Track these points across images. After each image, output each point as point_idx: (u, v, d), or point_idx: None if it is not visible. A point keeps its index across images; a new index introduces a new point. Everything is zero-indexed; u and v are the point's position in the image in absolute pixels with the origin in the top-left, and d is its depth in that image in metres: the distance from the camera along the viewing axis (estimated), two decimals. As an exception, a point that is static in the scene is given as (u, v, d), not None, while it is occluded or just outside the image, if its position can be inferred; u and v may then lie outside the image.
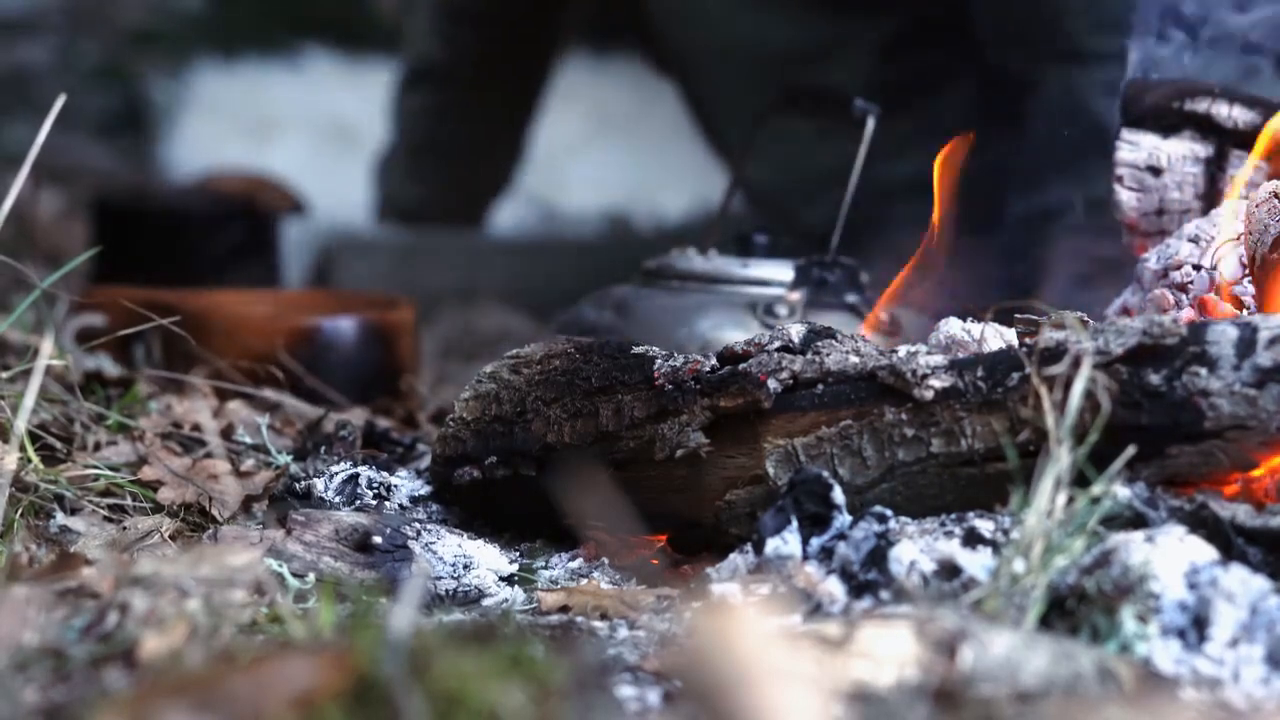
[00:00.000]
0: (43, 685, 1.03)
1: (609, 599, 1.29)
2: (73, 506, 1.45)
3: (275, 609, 1.16)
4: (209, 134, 4.12)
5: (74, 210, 3.21)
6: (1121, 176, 1.67)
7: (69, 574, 1.17)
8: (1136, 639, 1.12)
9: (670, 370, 1.41)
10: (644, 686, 1.10)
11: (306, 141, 4.07)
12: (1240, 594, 1.13)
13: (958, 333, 1.40)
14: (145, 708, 0.89)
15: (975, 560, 1.20)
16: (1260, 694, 1.10)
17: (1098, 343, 1.26)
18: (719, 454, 1.37)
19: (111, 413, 1.63)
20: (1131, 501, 1.23)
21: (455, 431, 1.48)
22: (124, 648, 1.05)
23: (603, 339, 1.51)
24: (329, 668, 0.91)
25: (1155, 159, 1.67)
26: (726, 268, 1.87)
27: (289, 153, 3.91)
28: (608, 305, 1.85)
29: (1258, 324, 1.26)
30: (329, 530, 1.38)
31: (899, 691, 1.02)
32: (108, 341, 1.74)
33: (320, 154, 3.96)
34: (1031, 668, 1.05)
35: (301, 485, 1.52)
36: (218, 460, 1.54)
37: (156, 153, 4.18)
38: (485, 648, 0.94)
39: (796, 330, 1.39)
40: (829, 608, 1.21)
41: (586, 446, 1.41)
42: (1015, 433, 1.27)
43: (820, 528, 1.27)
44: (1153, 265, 1.57)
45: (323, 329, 1.95)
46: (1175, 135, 1.67)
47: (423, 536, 1.39)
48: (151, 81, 4.34)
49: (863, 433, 1.32)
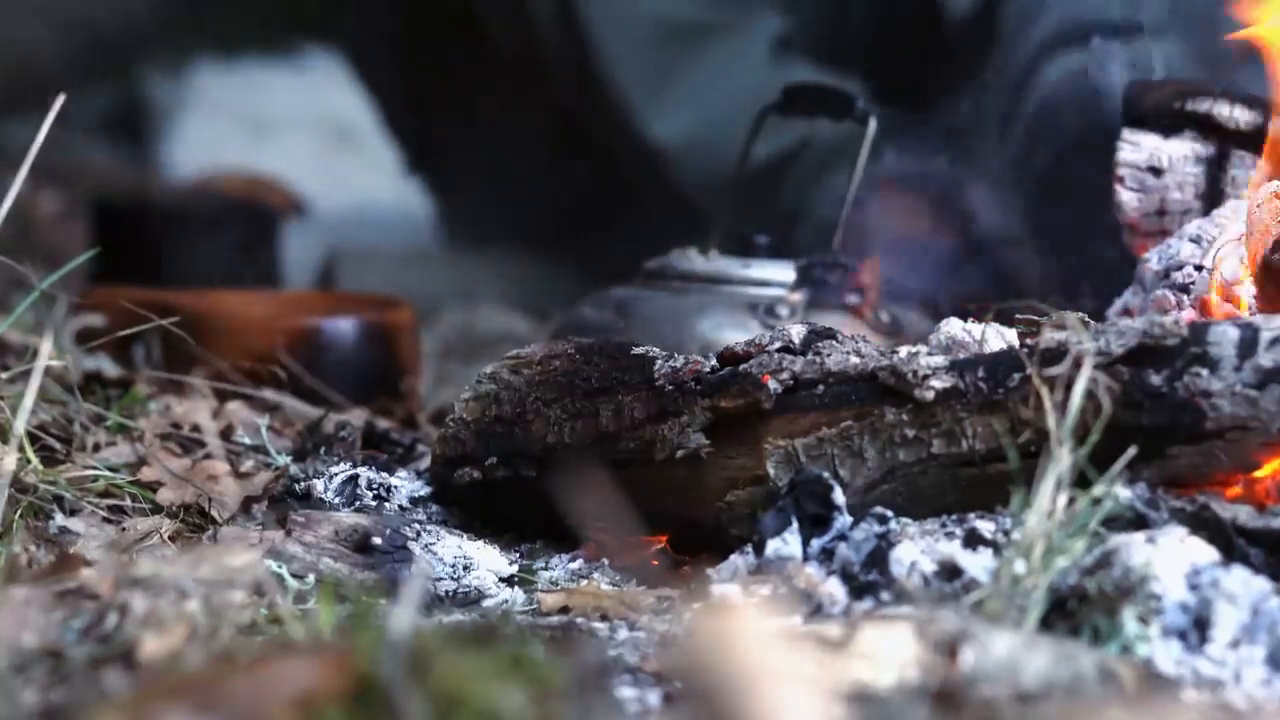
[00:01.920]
0: (42, 686, 1.03)
1: (609, 600, 1.29)
2: (72, 507, 1.45)
3: (275, 610, 1.16)
4: (209, 134, 4.11)
5: (74, 210, 3.21)
6: (1122, 177, 1.67)
7: (68, 575, 1.17)
8: (1138, 640, 1.12)
9: (670, 371, 1.40)
10: (644, 687, 1.10)
11: (306, 141, 4.07)
12: (1241, 595, 1.13)
13: (958, 333, 1.40)
14: (145, 708, 0.89)
15: (976, 561, 1.20)
16: (1261, 695, 1.10)
17: (1099, 343, 1.26)
18: (719, 455, 1.37)
19: (111, 413, 1.63)
20: (1133, 502, 1.23)
21: (455, 432, 1.48)
22: (124, 649, 1.05)
23: (603, 339, 1.51)
24: (329, 668, 0.91)
25: (1156, 159, 1.67)
26: (727, 268, 1.87)
27: (289, 153, 3.90)
28: (608, 306, 1.85)
29: (1259, 325, 1.25)
30: (329, 531, 1.38)
31: (900, 693, 1.02)
32: (107, 342, 1.74)
33: (320, 154, 3.96)
34: (1032, 669, 1.05)
35: (301, 486, 1.52)
36: (217, 461, 1.54)
37: (156, 153, 4.18)
38: (485, 649, 0.94)
39: (797, 331, 1.39)
40: (829, 609, 1.21)
41: (587, 447, 1.41)
42: (1016, 433, 1.27)
43: (821, 529, 1.27)
44: (1154, 266, 1.57)
45: (323, 329, 1.95)
46: (1176, 135, 1.67)
47: (422, 537, 1.39)
48: (151, 81, 4.34)
49: (863, 433, 1.32)
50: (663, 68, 2.55)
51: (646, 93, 2.55)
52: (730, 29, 2.55)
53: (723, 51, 2.55)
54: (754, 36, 2.54)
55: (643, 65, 2.54)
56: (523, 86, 2.74)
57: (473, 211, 3.01)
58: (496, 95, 2.79)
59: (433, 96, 2.90)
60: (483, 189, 2.94)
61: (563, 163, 2.80)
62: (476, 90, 2.81)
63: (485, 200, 2.94)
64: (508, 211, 2.88)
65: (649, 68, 2.55)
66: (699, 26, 2.55)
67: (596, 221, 2.72)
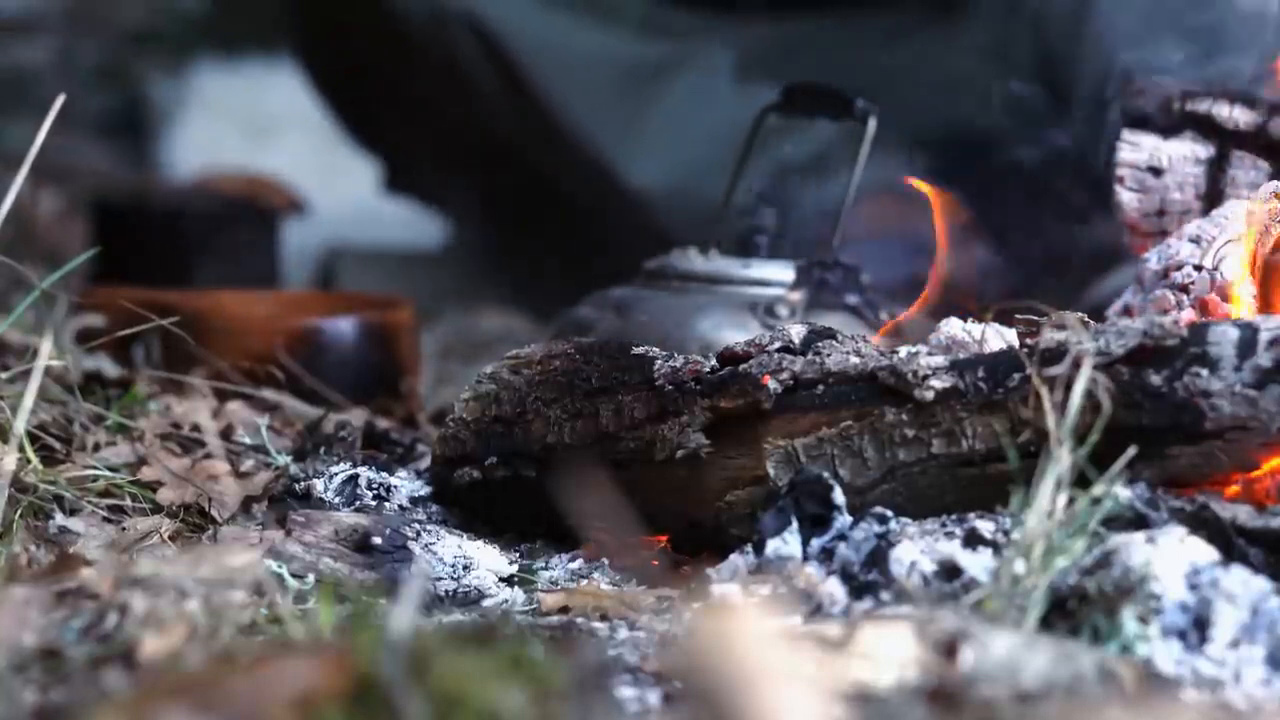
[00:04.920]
0: (42, 686, 1.03)
1: (609, 600, 1.29)
2: (72, 507, 1.45)
3: (275, 610, 1.16)
4: (209, 134, 4.11)
5: (74, 210, 3.21)
6: (1122, 177, 1.67)
7: (68, 575, 1.17)
8: (1137, 640, 1.12)
9: (670, 371, 1.40)
10: (644, 687, 1.10)
11: (306, 141, 4.07)
12: (1241, 595, 1.13)
13: (958, 333, 1.40)
14: (145, 708, 0.89)
15: (976, 561, 1.20)
16: (1261, 695, 1.10)
17: (1098, 343, 1.26)
18: (719, 455, 1.37)
19: (111, 413, 1.63)
20: (1132, 502, 1.23)
21: (455, 432, 1.48)
22: (124, 649, 1.05)
23: (603, 339, 1.51)
24: (329, 668, 0.91)
25: (1156, 159, 1.67)
26: (727, 268, 1.86)
27: (289, 153, 3.90)
28: (608, 306, 1.85)
29: (1258, 325, 1.26)
30: (329, 531, 1.38)
31: (899, 692, 1.02)
32: (107, 341, 1.74)
33: (320, 154, 3.95)
34: (1032, 669, 1.05)
35: (301, 486, 1.52)
36: (217, 461, 1.54)
37: (156, 153, 4.18)
38: (485, 649, 0.94)
39: (797, 331, 1.39)
40: (829, 608, 1.21)
41: (586, 447, 1.41)
42: (1016, 433, 1.27)
43: (821, 528, 1.27)
44: (1153, 266, 1.57)
45: (323, 329, 1.95)
46: (1176, 136, 1.67)
47: (422, 537, 1.39)
48: (151, 81, 4.33)
49: (863, 433, 1.32)
50: (627, 115, 2.51)
51: (618, 143, 2.51)
52: (686, 64, 2.52)
53: (684, 89, 2.52)
54: (714, 70, 2.51)
55: (609, 116, 2.51)
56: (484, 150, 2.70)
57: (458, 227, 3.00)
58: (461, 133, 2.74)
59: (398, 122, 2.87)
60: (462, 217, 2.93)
61: (541, 215, 2.75)
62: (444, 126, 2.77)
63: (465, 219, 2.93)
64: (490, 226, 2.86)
65: (615, 117, 2.51)
66: (653, 66, 2.52)
67: (576, 264, 2.68)
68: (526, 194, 2.70)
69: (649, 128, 2.50)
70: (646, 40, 2.54)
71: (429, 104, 2.65)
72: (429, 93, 2.63)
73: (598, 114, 2.50)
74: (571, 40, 2.52)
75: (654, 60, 2.52)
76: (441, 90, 2.61)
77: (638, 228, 2.50)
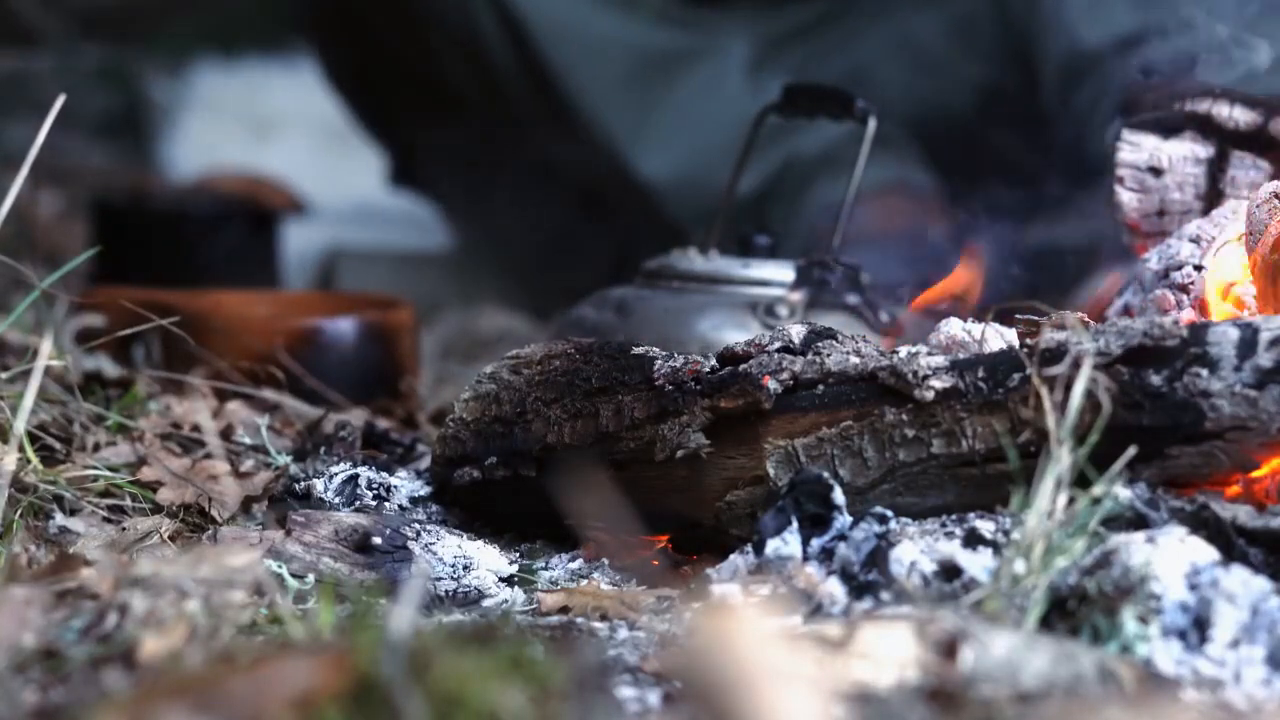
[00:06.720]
0: (42, 686, 1.03)
1: (609, 600, 1.29)
2: (72, 507, 1.45)
3: (275, 610, 1.16)
4: (209, 134, 4.11)
5: (74, 210, 3.21)
6: (1122, 177, 1.67)
7: (68, 575, 1.17)
8: (1137, 640, 1.12)
9: (670, 371, 1.40)
10: (644, 687, 1.10)
11: (306, 141, 4.07)
12: (1241, 595, 1.13)
13: (958, 333, 1.40)
14: (145, 708, 0.89)
15: (976, 561, 1.20)
16: (1261, 695, 1.10)
17: (1098, 343, 1.26)
18: (719, 455, 1.37)
19: (111, 413, 1.63)
20: (1132, 502, 1.23)
21: (455, 432, 1.48)
22: (124, 648, 1.05)
23: (603, 339, 1.51)
24: (329, 668, 0.91)
25: (1156, 160, 1.66)
26: (727, 268, 1.86)
27: (289, 153, 3.90)
28: (608, 306, 1.85)
29: (1258, 325, 1.26)
30: (329, 531, 1.38)
31: (899, 692, 1.02)
32: (107, 342, 1.74)
33: (320, 154, 3.95)
34: (1032, 669, 1.05)
35: (301, 486, 1.52)
36: (217, 461, 1.54)
37: (156, 153, 4.18)
38: (485, 649, 0.94)
39: (797, 331, 1.39)
40: (829, 608, 1.21)
41: (586, 447, 1.41)
42: (1016, 433, 1.27)
43: (820, 528, 1.27)
44: (1153, 266, 1.57)
45: (323, 330, 1.95)
46: (1176, 136, 1.67)
47: (422, 537, 1.39)
48: (151, 81, 4.33)
49: (863, 433, 1.32)
50: (641, 103, 2.53)
51: (629, 131, 2.52)
52: (701, 55, 2.53)
53: (698, 80, 2.53)
54: (728, 62, 2.53)
55: (623, 103, 2.52)
56: (499, 131, 2.70)
57: (464, 229, 3.00)
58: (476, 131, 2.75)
59: (412, 115, 2.87)
60: (470, 214, 2.92)
61: (548, 200, 2.76)
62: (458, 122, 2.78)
63: (470, 218, 2.92)
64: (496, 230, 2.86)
65: (629, 104, 2.53)
66: (669, 56, 2.53)
67: (583, 253, 2.69)
68: (532, 185, 2.71)
69: (662, 118, 2.51)
70: (664, 29, 2.55)
71: (446, 89, 2.66)
72: (447, 77, 2.63)
73: (612, 100, 2.51)
74: (591, 25, 2.53)
75: (670, 50, 2.54)
76: (460, 74, 2.61)
77: (645, 217, 2.51)
